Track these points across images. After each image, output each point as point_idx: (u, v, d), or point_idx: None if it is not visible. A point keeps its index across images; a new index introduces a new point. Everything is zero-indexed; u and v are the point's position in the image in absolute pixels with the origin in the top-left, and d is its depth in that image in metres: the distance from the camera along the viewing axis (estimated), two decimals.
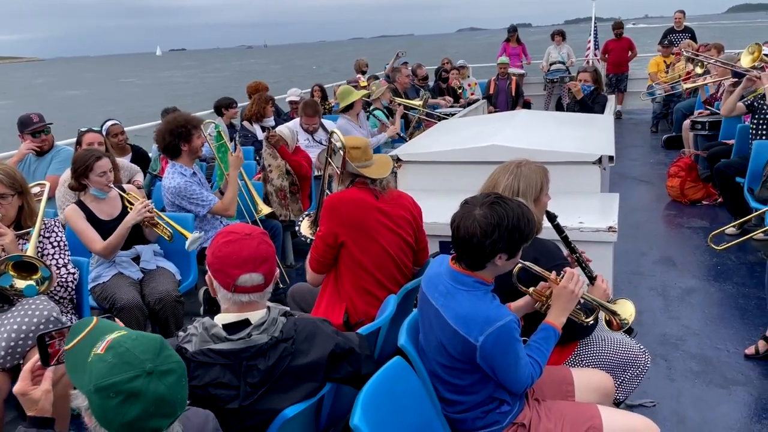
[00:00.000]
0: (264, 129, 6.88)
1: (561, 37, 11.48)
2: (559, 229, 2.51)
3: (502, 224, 1.98)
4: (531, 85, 11.74)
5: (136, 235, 3.69)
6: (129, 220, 3.53)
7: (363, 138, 3.17)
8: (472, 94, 10.12)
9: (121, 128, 5.32)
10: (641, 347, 2.61)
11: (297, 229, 3.61)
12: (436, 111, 8.60)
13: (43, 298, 2.85)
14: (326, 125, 6.16)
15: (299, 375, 1.89)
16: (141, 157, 5.41)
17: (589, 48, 12.30)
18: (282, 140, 5.12)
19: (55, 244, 3.09)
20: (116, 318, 1.60)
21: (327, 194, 3.42)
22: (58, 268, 3.03)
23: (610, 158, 3.93)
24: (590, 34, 12.31)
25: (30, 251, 2.87)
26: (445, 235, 3.49)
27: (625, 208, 3.65)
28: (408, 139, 7.08)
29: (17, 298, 2.82)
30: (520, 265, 2.22)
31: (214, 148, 4.46)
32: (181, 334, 1.88)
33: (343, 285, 2.87)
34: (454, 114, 7.98)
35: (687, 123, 7.49)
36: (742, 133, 5.59)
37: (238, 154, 4.22)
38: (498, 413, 2.16)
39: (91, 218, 3.60)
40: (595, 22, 12.23)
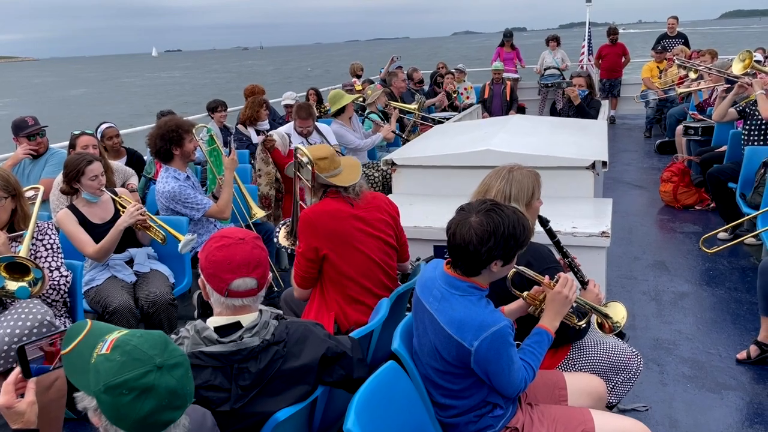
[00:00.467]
0: (258, 132, 6.89)
1: (555, 42, 11.55)
2: (551, 234, 2.52)
3: (498, 232, 1.99)
4: (525, 89, 11.79)
5: (130, 238, 3.69)
6: (121, 224, 3.52)
7: (327, 147, 3.11)
8: (468, 98, 10.14)
9: (116, 131, 5.31)
10: (633, 351, 2.62)
11: (275, 239, 3.60)
12: (431, 114, 8.62)
13: (37, 302, 2.84)
14: (321, 129, 6.15)
15: (291, 378, 1.89)
16: (136, 160, 5.40)
17: (583, 53, 12.37)
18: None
19: (48, 246, 3.09)
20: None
21: (300, 206, 3.41)
22: (51, 271, 3.02)
23: (604, 163, 3.95)
24: (584, 39, 12.38)
25: (22, 253, 2.85)
26: (439, 240, 3.51)
27: (618, 213, 3.67)
28: (403, 140, 7.12)
29: (10, 300, 2.81)
30: (514, 269, 2.23)
31: (206, 152, 4.45)
32: (173, 336, 1.88)
33: (330, 296, 2.86)
34: (449, 118, 8.00)
35: (680, 128, 7.53)
36: (734, 138, 5.63)
37: (233, 157, 4.22)
38: (491, 417, 2.16)
39: (84, 222, 3.59)
40: (589, 27, 12.30)
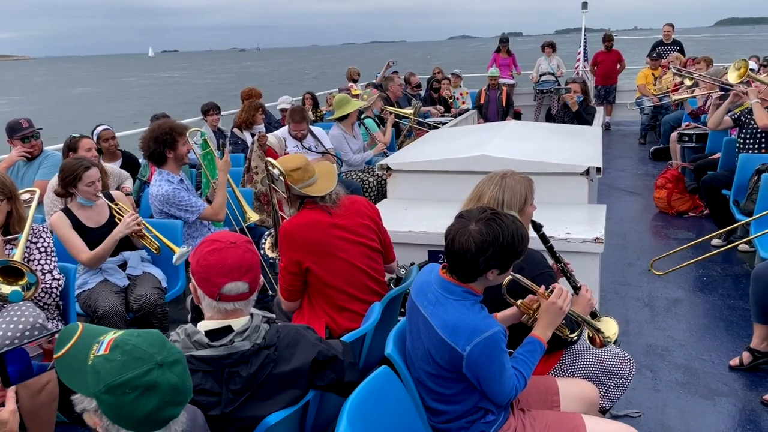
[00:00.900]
0: (254, 136, 6.89)
1: (551, 48, 11.59)
2: (544, 239, 2.53)
3: (497, 242, 1.99)
4: (521, 95, 11.83)
5: (124, 241, 3.67)
6: (117, 234, 3.51)
7: (299, 156, 3.05)
8: (463, 103, 10.17)
9: (111, 133, 5.31)
10: (626, 354, 2.63)
11: (261, 251, 3.56)
12: (427, 119, 8.63)
13: (29, 304, 2.84)
14: (316, 132, 6.16)
15: (282, 382, 1.89)
16: (131, 163, 5.39)
17: (579, 59, 12.41)
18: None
19: (42, 249, 3.08)
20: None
21: (281, 216, 3.39)
22: (43, 274, 3.01)
23: (598, 170, 3.97)
24: (580, 46, 12.43)
25: (17, 256, 2.85)
26: (433, 245, 3.51)
27: (612, 219, 3.69)
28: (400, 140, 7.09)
29: (2, 303, 2.80)
30: (510, 277, 2.23)
31: (200, 156, 4.45)
32: None
33: (320, 306, 2.86)
34: (444, 123, 8.02)
35: (674, 135, 7.56)
36: (728, 146, 5.65)
37: (226, 159, 4.22)
38: (483, 423, 2.16)
39: (78, 226, 3.57)
40: (585, 34, 12.36)
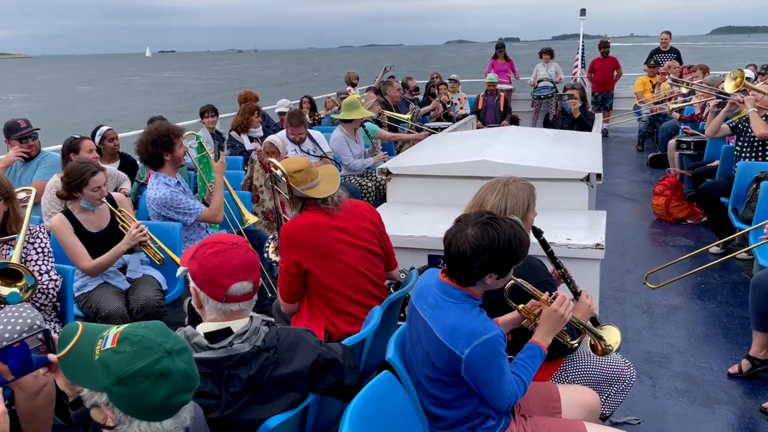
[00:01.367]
0: (252, 139, 6.88)
1: (549, 55, 11.63)
2: (544, 245, 2.52)
3: (492, 246, 1.99)
4: (519, 101, 11.86)
5: None
6: (123, 246, 3.47)
7: (302, 158, 3.06)
8: (461, 108, 10.18)
9: (115, 133, 5.32)
10: (626, 361, 2.62)
11: (265, 254, 3.56)
12: (425, 124, 8.64)
13: (27, 306, 2.81)
14: (315, 136, 6.15)
15: (281, 385, 1.88)
16: (129, 165, 5.38)
17: (576, 65, 12.46)
18: (272, 149, 5.13)
19: (39, 250, 3.06)
20: None
21: (284, 219, 3.39)
22: (40, 275, 2.99)
23: (598, 176, 3.97)
24: (578, 52, 12.48)
25: (15, 258, 2.83)
26: (433, 249, 3.50)
27: (610, 226, 3.68)
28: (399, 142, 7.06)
29: (0, 305, 2.78)
30: (512, 281, 2.22)
31: (195, 160, 4.43)
32: None
33: (319, 308, 2.85)
34: (443, 128, 8.02)
35: (672, 142, 7.58)
36: (726, 153, 5.67)
37: (221, 160, 4.23)
38: (483, 429, 2.15)
39: (79, 230, 3.51)
40: (583, 40, 12.40)
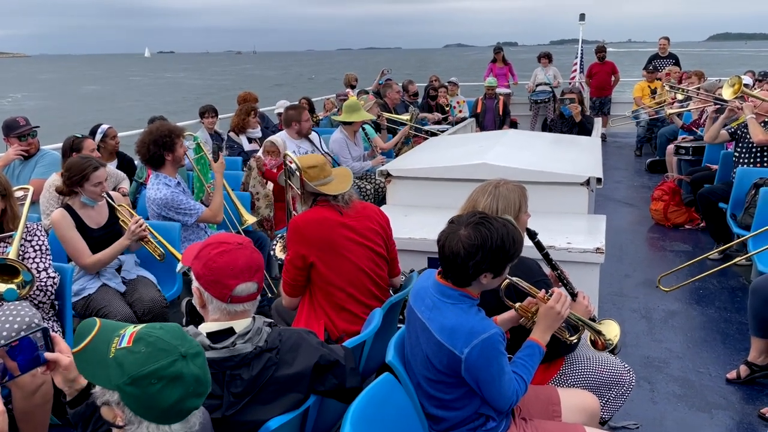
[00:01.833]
0: (250, 140, 6.88)
1: (547, 59, 11.65)
2: (539, 246, 2.52)
3: (485, 246, 1.99)
4: (518, 105, 11.88)
5: None
6: (123, 241, 3.47)
7: (318, 155, 3.11)
8: (460, 111, 10.18)
9: (115, 132, 5.31)
10: (626, 366, 2.62)
11: (272, 252, 3.58)
12: (424, 127, 8.64)
13: (25, 304, 2.80)
14: (312, 138, 6.15)
15: (283, 386, 1.87)
16: (127, 164, 5.37)
17: (575, 70, 12.49)
18: (272, 149, 5.13)
19: (37, 248, 3.05)
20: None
21: (293, 215, 3.40)
22: (38, 272, 2.98)
23: (598, 180, 3.97)
24: (576, 57, 12.51)
25: (12, 254, 2.83)
26: (433, 252, 3.48)
27: (609, 230, 3.68)
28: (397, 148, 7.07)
29: None
30: (508, 280, 2.22)
31: (193, 161, 4.41)
32: None
33: (319, 304, 2.85)
34: (442, 131, 8.02)
35: (671, 147, 7.60)
36: (725, 159, 5.68)
37: (221, 160, 4.23)
38: (484, 430, 2.15)
39: (80, 226, 3.50)
40: (581, 45, 12.44)
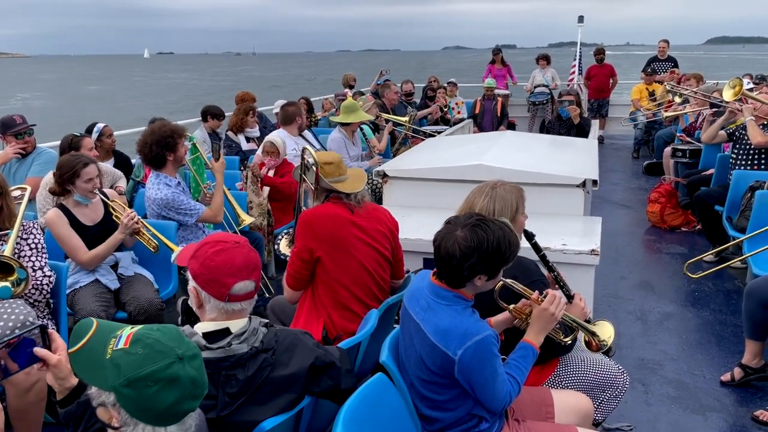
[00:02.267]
0: (248, 139, 6.88)
1: (546, 61, 11.67)
2: (537, 248, 2.53)
3: (481, 248, 1.99)
4: (516, 106, 11.89)
5: None
6: (118, 236, 3.48)
7: (335, 153, 3.14)
8: (459, 113, 10.19)
9: (111, 130, 5.30)
10: (619, 367, 2.62)
11: (276, 247, 3.60)
12: (422, 128, 8.65)
13: (20, 302, 2.80)
14: (309, 137, 6.16)
15: (279, 386, 1.87)
16: (123, 162, 5.36)
17: (573, 72, 12.50)
18: (272, 149, 5.13)
19: (33, 246, 3.04)
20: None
21: (303, 210, 3.41)
22: (34, 271, 2.98)
23: (594, 182, 3.98)
24: (575, 59, 12.53)
25: (7, 252, 2.82)
26: (429, 253, 3.49)
27: (605, 232, 3.69)
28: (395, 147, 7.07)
29: None
30: (501, 282, 2.23)
31: (189, 161, 4.42)
32: None
33: (321, 300, 2.85)
34: (440, 132, 8.03)
35: (668, 150, 7.61)
36: (722, 162, 5.69)
37: (221, 160, 4.23)
38: (477, 431, 2.15)
39: (74, 224, 3.51)
40: (580, 47, 12.46)
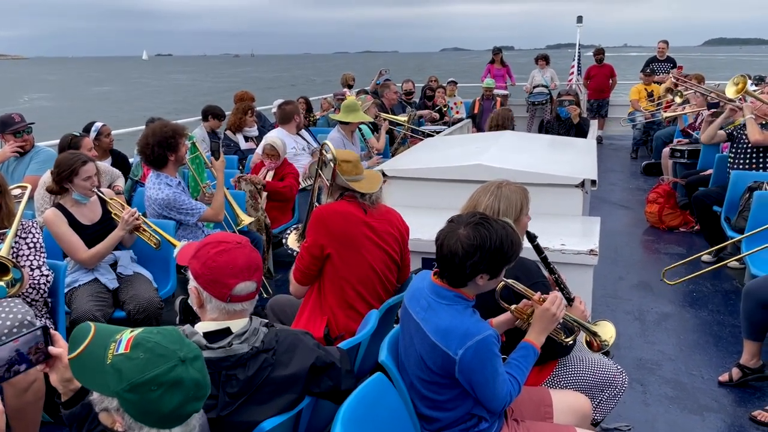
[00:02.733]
0: (247, 139, 6.88)
1: (545, 61, 11.67)
2: (538, 250, 2.53)
3: (484, 246, 1.99)
4: (514, 107, 11.86)
5: None
6: (118, 232, 3.47)
7: (354, 153, 3.17)
8: (457, 113, 10.19)
9: (109, 129, 5.30)
10: (618, 367, 2.63)
11: (284, 241, 3.60)
12: (420, 127, 8.65)
13: (18, 301, 2.80)
14: (306, 136, 6.16)
15: (279, 387, 1.87)
16: (121, 162, 5.36)
17: (572, 72, 12.51)
18: (272, 152, 5.13)
19: (31, 245, 3.04)
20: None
21: (315, 206, 3.41)
22: (32, 270, 2.97)
23: (593, 182, 3.98)
24: (574, 59, 12.54)
25: (3, 251, 2.82)
26: (427, 252, 3.50)
27: (603, 232, 3.69)
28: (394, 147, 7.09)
29: None
30: (503, 282, 2.23)
31: (188, 160, 4.42)
32: None
33: (326, 298, 2.85)
34: (439, 132, 8.03)
35: (666, 150, 7.62)
36: (720, 162, 5.70)
37: (222, 159, 4.24)
38: (476, 431, 2.15)
39: (73, 223, 3.50)
40: (579, 47, 12.47)
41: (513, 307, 2.31)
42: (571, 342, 2.42)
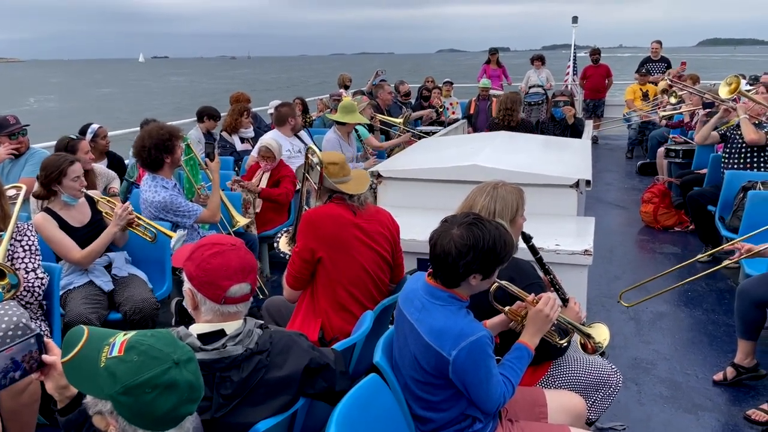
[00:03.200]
0: (243, 140, 6.87)
1: (540, 61, 11.68)
2: (533, 250, 2.53)
3: (477, 246, 2.00)
4: None
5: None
6: (113, 228, 3.46)
7: (340, 154, 3.16)
8: (453, 113, 10.20)
9: (106, 131, 5.30)
10: (613, 367, 2.64)
11: (275, 244, 3.60)
12: (417, 128, 8.65)
13: (13, 304, 2.79)
14: (304, 138, 6.15)
15: (273, 388, 1.88)
16: (117, 163, 5.36)
17: (568, 73, 12.54)
18: (268, 154, 5.12)
19: (27, 248, 3.03)
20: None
21: (305, 209, 3.41)
22: (27, 273, 2.96)
23: (587, 182, 3.99)
24: (570, 60, 12.57)
25: (0, 256, 2.81)
26: (423, 253, 3.50)
27: (598, 232, 3.70)
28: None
29: None
30: (497, 284, 2.23)
31: (183, 162, 4.41)
32: None
33: (320, 301, 2.86)
34: (434, 132, 8.04)
35: (661, 150, 7.65)
36: (714, 162, 5.72)
37: (217, 159, 4.24)
38: (470, 431, 2.16)
39: (62, 226, 3.48)
40: (574, 48, 12.50)
41: (507, 308, 2.32)
42: (565, 344, 2.43)
